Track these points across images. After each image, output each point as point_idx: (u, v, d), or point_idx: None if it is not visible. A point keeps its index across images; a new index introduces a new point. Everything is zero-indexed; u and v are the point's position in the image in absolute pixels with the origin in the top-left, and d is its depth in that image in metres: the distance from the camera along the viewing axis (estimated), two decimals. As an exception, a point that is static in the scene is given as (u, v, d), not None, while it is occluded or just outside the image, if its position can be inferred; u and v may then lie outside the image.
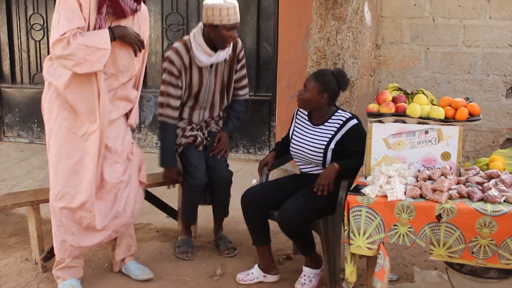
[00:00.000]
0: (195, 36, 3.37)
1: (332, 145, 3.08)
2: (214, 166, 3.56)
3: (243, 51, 3.61)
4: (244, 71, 3.68)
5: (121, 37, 2.87)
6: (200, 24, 3.40)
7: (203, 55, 3.35)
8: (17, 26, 6.72)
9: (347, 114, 3.13)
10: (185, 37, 3.46)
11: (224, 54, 3.44)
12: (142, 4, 3.03)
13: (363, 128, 3.09)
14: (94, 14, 2.78)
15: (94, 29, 2.80)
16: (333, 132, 3.09)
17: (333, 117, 3.13)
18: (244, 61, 3.64)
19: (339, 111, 3.16)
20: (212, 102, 3.63)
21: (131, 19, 2.97)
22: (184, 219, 3.72)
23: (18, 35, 6.74)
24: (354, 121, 3.08)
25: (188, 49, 3.38)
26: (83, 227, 3.03)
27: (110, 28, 2.83)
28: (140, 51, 2.99)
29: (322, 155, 3.11)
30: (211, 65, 3.46)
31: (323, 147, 3.10)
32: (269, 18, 5.57)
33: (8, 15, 6.70)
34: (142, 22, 3.08)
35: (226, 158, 3.65)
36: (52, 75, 2.93)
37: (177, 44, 3.43)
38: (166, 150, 3.55)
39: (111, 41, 2.80)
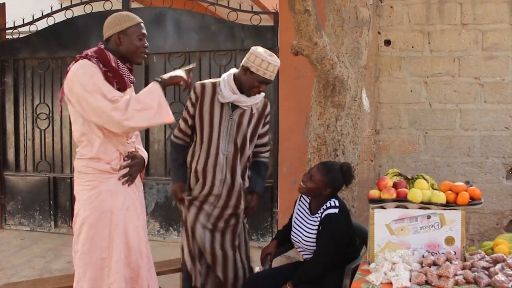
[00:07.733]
0: (226, 77, 3.46)
1: None
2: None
3: (269, 115, 3.68)
4: (267, 128, 3.71)
5: (170, 84, 3.08)
6: (232, 70, 3.49)
7: (227, 90, 3.40)
8: (24, 116, 6.87)
9: (333, 202, 3.04)
10: (215, 79, 3.57)
11: (249, 102, 3.47)
12: None
13: (342, 221, 3.01)
14: None
15: None
16: (320, 219, 3.05)
17: (326, 205, 3.05)
18: (268, 123, 3.71)
19: (332, 199, 3.07)
20: (233, 153, 3.49)
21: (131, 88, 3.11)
22: None
23: (24, 124, 6.88)
24: (333, 210, 2.99)
25: (214, 85, 3.45)
26: None
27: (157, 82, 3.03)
28: (188, 86, 3.11)
29: (315, 242, 3.06)
30: (234, 108, 3.45)
31: (314, 235, 3.06)
32: (269, 106, 5.68)
33: (15, 105, 6.86)
34: None
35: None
36: None
37: (205, 80, 3.53)
38: (174, 167, 3.60)
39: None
